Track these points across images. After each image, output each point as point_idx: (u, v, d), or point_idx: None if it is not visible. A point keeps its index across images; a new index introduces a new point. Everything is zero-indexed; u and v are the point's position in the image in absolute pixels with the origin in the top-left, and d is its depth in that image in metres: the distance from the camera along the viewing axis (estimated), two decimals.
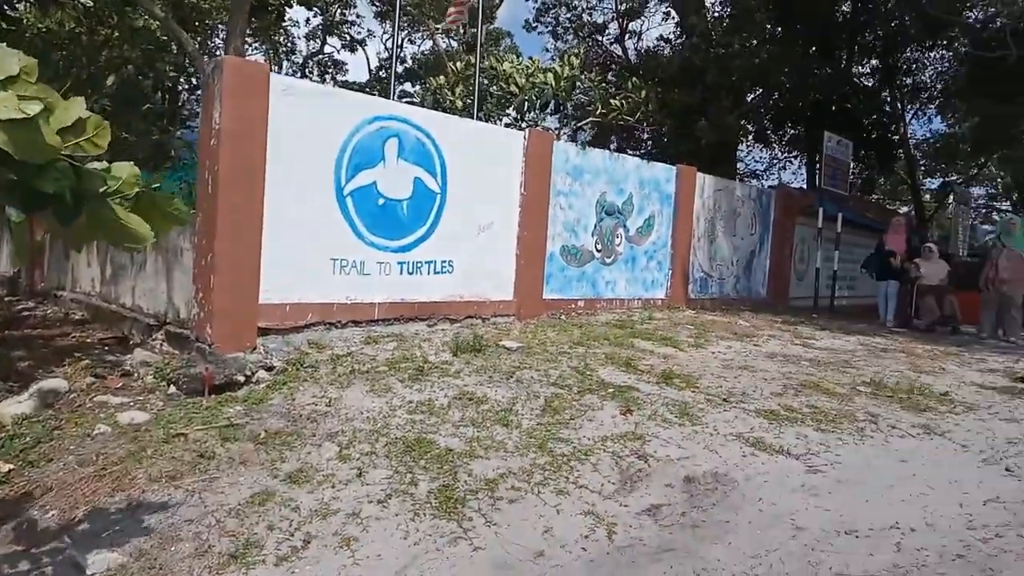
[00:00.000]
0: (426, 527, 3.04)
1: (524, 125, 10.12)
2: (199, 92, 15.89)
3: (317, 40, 28.77)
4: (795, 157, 25.17)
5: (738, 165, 26.29)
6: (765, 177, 26.89)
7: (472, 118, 9.45)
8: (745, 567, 2.83)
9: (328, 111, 5.48)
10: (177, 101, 20.15)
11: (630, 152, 20.98)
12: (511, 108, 10.46)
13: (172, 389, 4.58)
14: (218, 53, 17.98)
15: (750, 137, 23.17)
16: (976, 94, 19.22)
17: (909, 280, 10.56)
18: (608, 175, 8.34)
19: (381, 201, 5.87)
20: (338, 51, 29.59)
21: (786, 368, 6.00)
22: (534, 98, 9.81)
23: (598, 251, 8.31)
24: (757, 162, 28.19)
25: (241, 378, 4.60)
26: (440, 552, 2.87)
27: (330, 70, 29.80)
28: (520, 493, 3.35)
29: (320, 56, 29.33)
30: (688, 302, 9.61)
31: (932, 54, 22.23)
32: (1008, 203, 35.63)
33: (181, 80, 19.24)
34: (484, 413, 4.28)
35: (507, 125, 10.34)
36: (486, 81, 10.74)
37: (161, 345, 5.54)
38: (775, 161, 26.85)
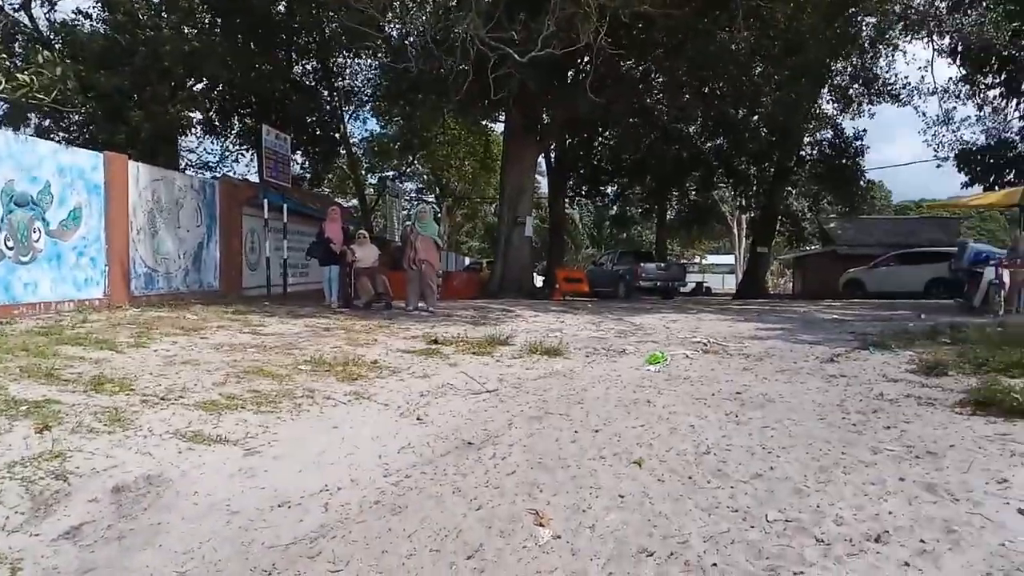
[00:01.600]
0: None
1: None
2: None
3: None
4: (247, 150, 25.33)
5: (189, 156, 25.32)
6: (219, 169, 26.45)
7: None
8: (176, 565, 2.74)
9: None
10: None
11: (59, 137, 18.33)
12: None
13: None
14: None
15: (198, 127, 22.42)
16: (396, 101, 22.17)
17: (347, 263, 11.63)
18: (16, 161, 7.12)
19: None
20: None
21: (232, 357, 6.01)
22: None
23: (9, 249, 7.06)
24: (210, 153, 27.59)
25: None
26: None
27: None
28: None
29: None
30: (131, 300, 8.89)
31: (361, 61, 24.79)
32: (433, 195, 42.33)
33: None
34: None
35: None
36: None
37: None
38: (228, 153, 26.64)
